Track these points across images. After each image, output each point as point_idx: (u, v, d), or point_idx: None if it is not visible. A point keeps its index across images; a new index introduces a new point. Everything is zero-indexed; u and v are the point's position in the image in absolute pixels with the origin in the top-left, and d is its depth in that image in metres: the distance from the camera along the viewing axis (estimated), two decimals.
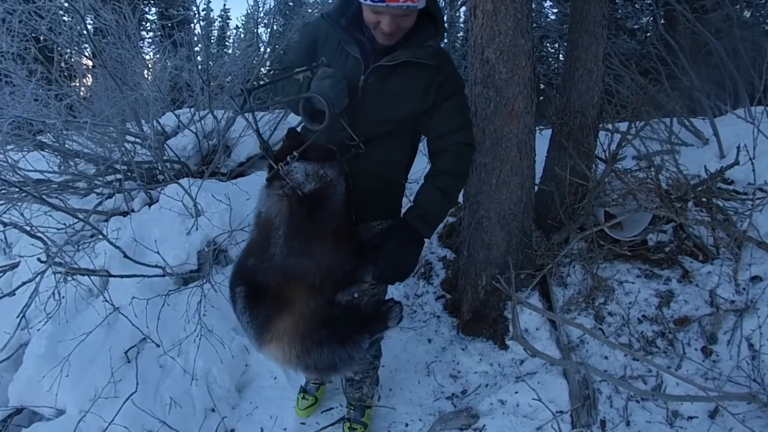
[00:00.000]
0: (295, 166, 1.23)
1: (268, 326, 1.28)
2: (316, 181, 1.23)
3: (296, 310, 1.27)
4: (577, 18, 2.22)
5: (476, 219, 2.04)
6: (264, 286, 1.28)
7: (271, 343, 1.29)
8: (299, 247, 1.24)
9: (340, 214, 1.28)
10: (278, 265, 1.25)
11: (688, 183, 2.20)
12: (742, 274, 1.97)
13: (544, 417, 1.68)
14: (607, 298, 2.05)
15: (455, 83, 1.42)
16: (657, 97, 3.38)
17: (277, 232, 1.24)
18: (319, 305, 1.28)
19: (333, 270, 1.28)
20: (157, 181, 3.26)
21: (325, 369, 1.34)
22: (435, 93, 1.38)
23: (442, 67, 1.37)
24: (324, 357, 1.30)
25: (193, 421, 1.90)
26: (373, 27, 1.30)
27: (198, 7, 3.63)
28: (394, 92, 1.36)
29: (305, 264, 1.25)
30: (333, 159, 1.29)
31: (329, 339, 1.29)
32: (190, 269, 2.43)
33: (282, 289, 1.27)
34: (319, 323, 1.28)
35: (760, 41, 4.06)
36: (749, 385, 1.63)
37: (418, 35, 1.34)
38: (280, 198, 1.23)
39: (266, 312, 1.28)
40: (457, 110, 1.44)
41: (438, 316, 2.38)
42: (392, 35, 1.29)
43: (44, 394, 1.87)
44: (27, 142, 2.86)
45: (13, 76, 3.13)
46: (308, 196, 1.22)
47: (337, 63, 1.37)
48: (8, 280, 2.49)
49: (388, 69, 1.34)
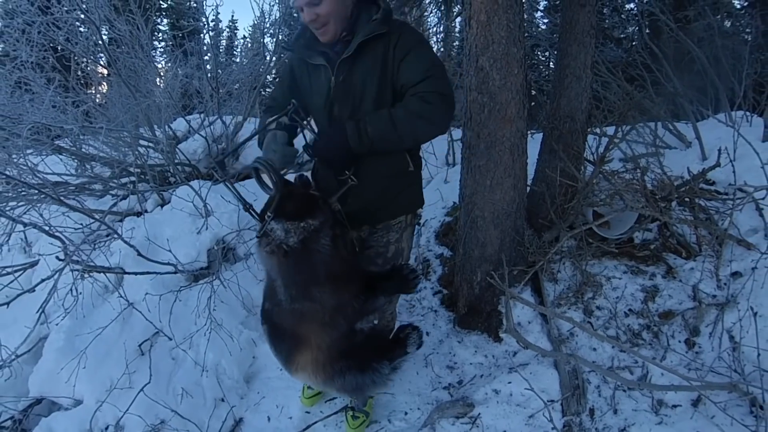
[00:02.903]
0: (272, 225, 1.18)
1: (291, 359, 1.35)
2: (298, 234, 1.18)
3: (313, 345, 1.30)
4: (566, 28, 2.22)
5: (471, 218, 2.04)
6: (281, 326, 1.33)
7: (297, 373, 1.38)
8: (298, 294, 1.24)
9: (333, 257, 1.22)
10: (287, 310, 1.27)
11: (672, 184, 2.20)
12: (723, 270, 1.96)
13: (536, 406, 1.68)
14: (595, 293, 2.05)
15: (409, 39, 1.32)
16: (642, 103, 3.38)
17: (276, 282, 1.26)
18: (335, 338, 1.29)
19: (340, 308, 1.27)
20: (169, 183, 3.26)
21: (352, 391, 1.39)
22: (393, 55, 1.31)
23: (392, 31, 1.31)
24: (348, 383, 1.35)
25: (203, 410, 1.89)
26: (312, 29, 1.32)
27: (207, 18, 3.64)
28: (363, 77, 1.33)
29: (309, 307, 1.25)
30: (314, 208, 1.22)
31: (350, 368, 1.33)
32: (201, 266, 2.43)
33: (295, 328, 1.31)
34: (338, 354, 1.31)
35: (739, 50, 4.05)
36: (730, 375, 1.63)
37: (362, 19, 1.34)
38: (269, 254, 1.21)
39: (287, 347, 1.35)
40: (417, 62, 1.30)
41: (435, 310, 2.37)
42: (319, 25, 1.29)
43: (63, 385, 1.86)
44: (46, 147, 2.87)
45: (32, 84, 3.13)
46: (294, 249, 1.18)
47: (314, 80, 1.40)
48: (28, 277, 2.48)
49: (350, 59, 1.32)
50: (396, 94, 1.36)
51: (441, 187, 3.40)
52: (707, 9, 4.62)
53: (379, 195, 1.44)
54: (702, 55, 3.54)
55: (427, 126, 1.30)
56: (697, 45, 3.68)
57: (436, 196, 3.24)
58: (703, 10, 4.62)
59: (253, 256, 1.39)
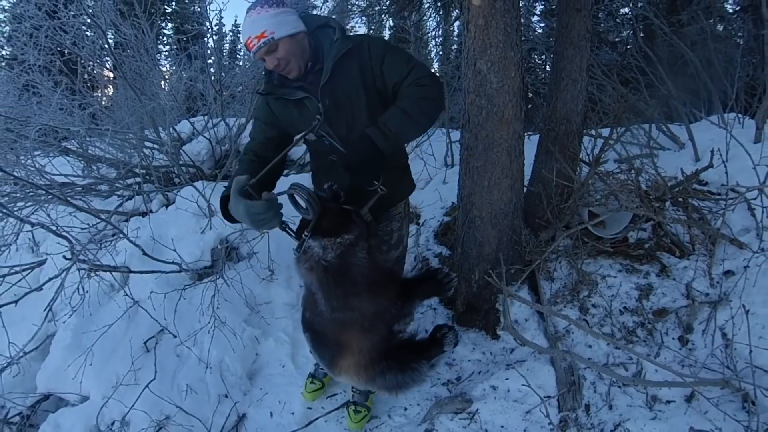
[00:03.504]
0: (310, 243, 1.18)
1: (334, 363, 1.38)
2: (335, 249, 1.18)
3: (354, 349, 1.34)
4: (562, 32, 2.22)
5: (469, 218, 2.04)
6: (323, 334, 1.36)
7: (341, 376, 1.41)
8: (338, 305, 1.25)
9: (370, 268, 1.23)
10: (328, 320, 1.29)
11: (665, 184, 2.20)
12: (716, 268, 1.97)
13: (533, 402, 1.68)
14: (591, 292, 2.05)
15: (378, 45, 1.39)
16: (637, 105, 3.38)
17: (317, 295, 1.27)
18: (375, 341, 1.33)
19: (380, 314, 1.29)
20: (173, 183, 3.26)
21: (393, 389, 1.42)
22: (370, 64, 1.38)
23: (359, 44, 1.38)
24: (389, 382, 1.38)
25: (207, 406, 1.90)
26: (278, 72, 1.39)
27: (211, 22, 3.63)
28: (347, 95, 1.40)
29: (350, 316, 1.27)
30: (349, 223, 1.22)
31: (390, 368, 1.37)
32: (205, 265, 2.43)
33: (337, 335, 1.34)
34: (378, 356, 1.35)
35: (732, 53, 4.06)
36: (723, 371, 1.63)
37: (323, 44, 1.41)
38: (308, 270, 1.22)
39: (330, 353, 1.38)
40: (398, 61, 1.37)
41: (434, 308, 2.37)
42: (283, 68, 1.36)
43: (70, 382, 1.87)
44: (53, 148, 2.87)
45: (39, 87, 3.13)
46: (332, 264, 1.19)
47: (302, 112, 1.43)
48: (36, 276, 2.48)
49: (329, 83, 1.39)
50: (383, 98, 1.43)
51: (440, 188, 3.40)
52: (700, 13, 4.63)
53: (390, 189, 1.45)
54: (695, 59, 3.54)
55: (431, 103, 1.35)
56: (690, 48, 3.69)
57: (435, 197, 3.24)
58: (696, 14, 4.63)
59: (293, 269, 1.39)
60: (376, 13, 6.77)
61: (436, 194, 3.26)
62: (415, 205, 3.29)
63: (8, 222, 2.63)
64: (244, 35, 1.32)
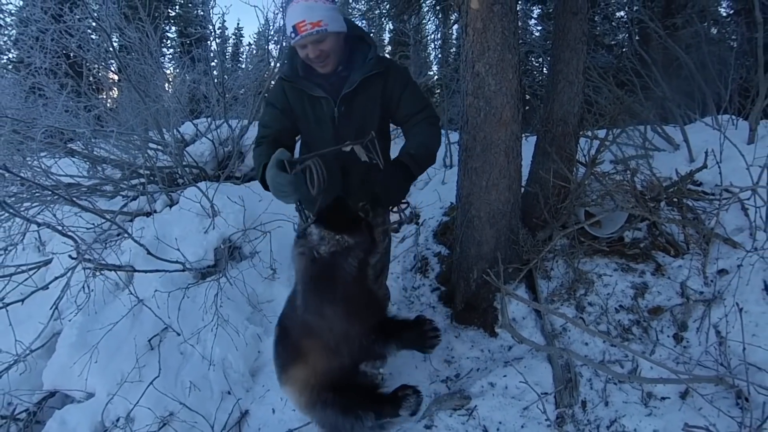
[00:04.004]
0: (311, 229, 1.18)
1: (285, 370, 1.32)
2: (331, 245, 1.17)
3: (309, 364, 1.26)
4: (559, 35, 2.22)
5: (468, 218, 2.04)
6: (288, 334, 1.32)
7: (285, 386, 1.33)
8: (313, 305, 1.22)
9: (355, 280, 1.20)
10: (299, 318, 1.26)
11: (660, 185, 2.20)
12: (710, 267, 1.96)
13: (531, 398, 1.68)
14: (587, 290, 2.05)
15: (403, 75, 1.52)
16: (632, 107, 3.38)
17: (298, 286, 1.25)
18: (334, 367, 1.24)
19: (349, 338, 1.22)
20: (177, 184, 3.26)
21: (327, 428, 1.31)
22: (391, 92, 1.50)
23: (389, 69, 1.48)
24: (327, 418, 1.27)
25: (210, 403, 1.90)
26: (310, 62, 1.39)
27: (214, 26, 3.64)
28: (364, 108, 1.48)
29: (319, 323, 1.22)
30: (355, 228, 1.21)
31: (334, 404, 1.25)
32: (208, 264, 2.43)
33: (300, 339, 1.28)
34: (329, 384, 1.25)
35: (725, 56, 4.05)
36: (717, 368, 1.63)
37: (357, 56, 1.46)
38: (300, 255, 1.21)
39: (286, 357, 1.32)
40: (415, 95, 1.54)
41: (433, 306, 2.37)
42: (321, 60, 1.38)
43: (75, 379, 1.87)
44: (59, 150, 2.87)
45: (45, 89, 3.14)
46: (322, 258, 1.17)
47: (315, 110, 1.47)
48: (42, 275, 2.49)
49: (351, 94, 1.44)
50: (389, 117, 1.58)
51: (439, 188, 3.40)
52: (695, 17, 4.62)
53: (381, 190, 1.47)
54: (689, 61, 3.53)
55: (437, 140, 1.56)
56: (684, 51, 3.68)
57: (434, 197, 3.24)
58: (690, 17, 4.63)
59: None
60: (376, 17, 6.77)
61: (435, 194, 3.26)
62: (415, 205, 3.29)
63: (15, 222, 2.64)
64: (297, 17, 1.31)
